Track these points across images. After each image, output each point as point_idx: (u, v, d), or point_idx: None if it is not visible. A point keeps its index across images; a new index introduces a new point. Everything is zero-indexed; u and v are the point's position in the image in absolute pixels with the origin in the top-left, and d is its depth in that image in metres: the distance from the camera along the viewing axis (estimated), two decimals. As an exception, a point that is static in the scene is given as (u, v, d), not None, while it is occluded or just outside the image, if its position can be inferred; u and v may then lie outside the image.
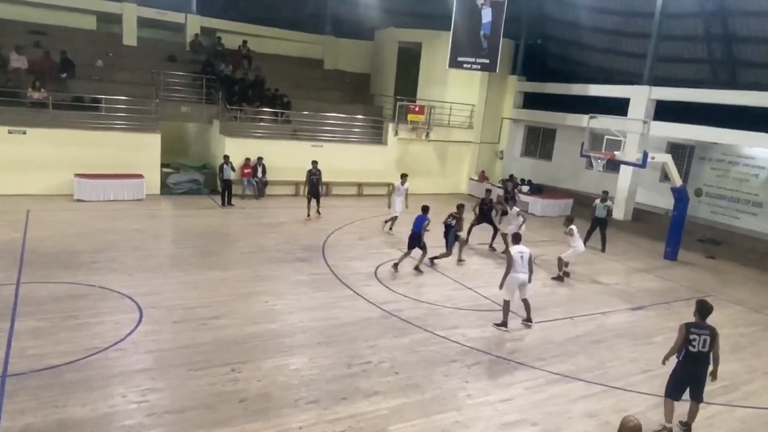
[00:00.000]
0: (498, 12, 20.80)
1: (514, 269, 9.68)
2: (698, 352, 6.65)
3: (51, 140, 16.30)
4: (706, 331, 6.68)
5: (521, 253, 9.75)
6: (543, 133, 25.30)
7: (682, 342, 6.71)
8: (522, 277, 9.73)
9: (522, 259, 9.72)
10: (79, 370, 7.18)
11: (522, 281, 9.77)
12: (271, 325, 9.11)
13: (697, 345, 6.63)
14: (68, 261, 11.22)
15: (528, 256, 9.80)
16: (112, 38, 22.00)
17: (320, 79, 25.40)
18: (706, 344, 6.64)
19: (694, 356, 6.67)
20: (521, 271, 9.71)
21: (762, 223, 18.38)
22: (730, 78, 19.74)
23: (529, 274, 9.83)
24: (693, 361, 6.71)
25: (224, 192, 17.52)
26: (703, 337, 6.64)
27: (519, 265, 9.69)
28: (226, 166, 17.44)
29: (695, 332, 6.66)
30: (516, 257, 9.70)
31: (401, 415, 6.89)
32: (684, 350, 6.71)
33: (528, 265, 9.78)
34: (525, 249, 9.90)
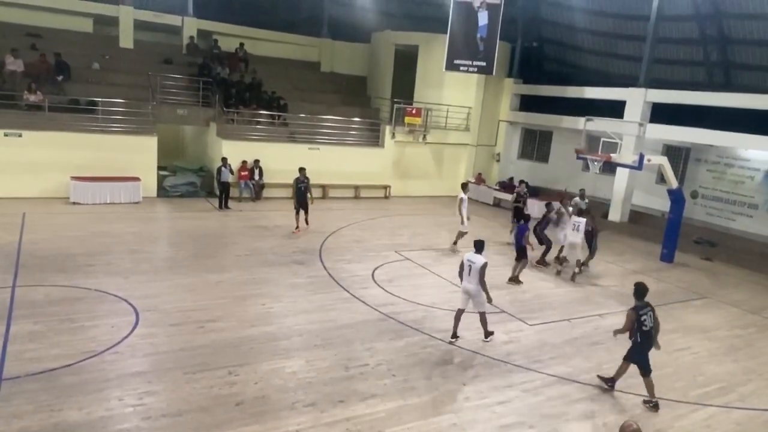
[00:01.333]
0: (494, 15, 20.87)
1: (462, 277, 8.99)
2: (649, 330, 7.61)
3: (47, 143, 16.26)
4: (648, 309, 7.65)
5: (470, 262, 8.86)
6: (539, 135, 25.37)
7: (635, 325, 7.55)
8: (465, 285, 8.95)
9: (470, 268, 8.83)
10: (75, 374, 7.15)
11: (465, 289, 8.97)
12: (267, 328, 9.09)
13: (648, 324, 7.56)
14: (64, 264, 11.18)
15: (479, 267, 8.76)
16: (108, 41, 21.96)
17: (317, 81, 25.41)
18: (651, 320, 7.62)
19: (647, 334, 7.61)
20: (466, 279, 8.92)
21: (757, 225, 18.44)
22: (726, 80, 19.84)
23: (478, 286, 8.83)
24: (647, 338, 7.64)
25: (221, 194, 17.46)
26: (648, 314, 7.60)
27: (465, 273, 8.91)
28: (224, 169, 17.37)
29: (643, 313, 7.57)
30: (465, 263, 8.93)
31: (398, 417, 6.89)
32: (638, 331, 7.58)
33: (476, 276, 8.77)
34: (477, 259, 8.87)
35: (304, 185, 15.01)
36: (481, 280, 8.78)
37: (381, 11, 25.76)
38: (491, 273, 13.13)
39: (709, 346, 10.16)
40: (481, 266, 8.76)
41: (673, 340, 10.23)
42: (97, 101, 17.82)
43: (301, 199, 15.08)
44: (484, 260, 8.83)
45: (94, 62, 20.24)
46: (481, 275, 8.78)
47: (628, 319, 7.63)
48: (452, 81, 23.05)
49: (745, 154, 18.71)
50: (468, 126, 23.95)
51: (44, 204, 15.80)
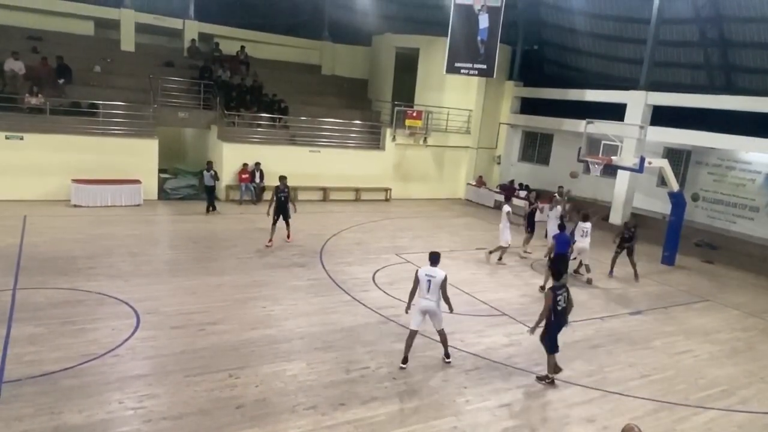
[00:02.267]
0: (495, 18, 20.90)
1: (418, 293, 8.21)
2: (562, 309, 7.98)
3: (48, 146, 16.29)
4: (564, 290, 7.99)
5: (429, 277, 8.07)
6: (540, 138, 25.38)
7: (552, 306, 7.84)
8: (425, 303, 8.13)
9: (429, 283, 8.05)
10: (75, 377, 7.15)
11: (425, 308, 8.16)
12: (268, 331, 9.09)
13: (561, 304, 7.93)
14: (65, 267, 11.19)
15: (439, 281, 8.02)
16: (109, 44, 22.02)
17: (318, 84, 25.44)
18: (565, 300, 7.95)
19: (560, 313, 7.98)
20: (425, 297, 8.11)
21: (758, 227, 18.42)
22: (726, 83, 19.84)
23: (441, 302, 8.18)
24: (559, 317, 8.00)
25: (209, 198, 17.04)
26: (563, 295, 7.95)
27: (423, 290, 8.10)
28: (206, 173, 16.96)
29: (559, 293, 7.91)
30: (422, 278, 8.10)
31: (399, 420, 6.88)
32: (553, 311, 7.89)
33: (437, 292, 8.05)
34: (436, 272, 8.09)
35: (285, 195, 13.99)
36: (444, 294, 8.14)
37: (382, 14, 25.80)
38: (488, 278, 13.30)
39: (711, 349, 10.14)
40: (443, 280, 8.05)
41: (674, 343, 10.23)
42: (99, 104, 17.87)
43: (282, 210, 14.07)
44: (444, 273, 8.12)
45: (96, 65, 20.29)
46: (444, 289, 8.10)
47: (547, 300, 7.87)
48: (453, 84, 23.07)
49: (746, 156, 18.70)
50: (469, 129, 23.97)
51: (45, 206, 15.81)
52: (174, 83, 20.16)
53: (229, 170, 18.98)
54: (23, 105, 16.84)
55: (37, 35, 20.47)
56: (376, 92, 25.90)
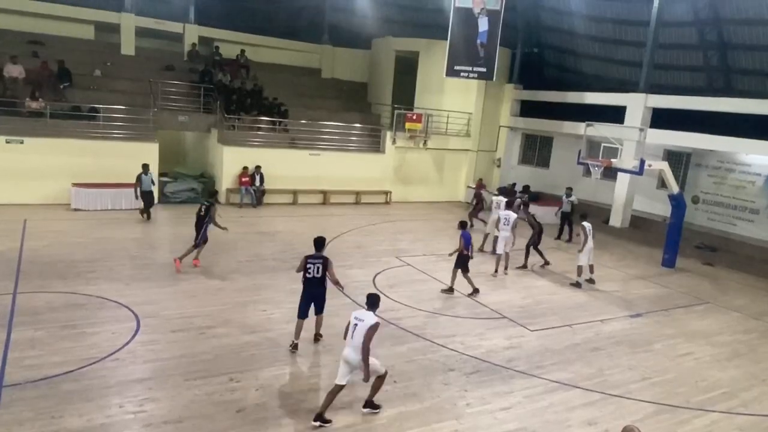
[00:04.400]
0: (494, 21, 20.94)
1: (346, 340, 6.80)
2: (313, 278, 8.45)
3: (48, 150, 16.29)
4: (319, 260, 8.45)
5: (357, 320, 6.66)
6: (540, 141, 25.39)
7: (303, 272, 8.45)
8: (345, 352, 6.67)
9: (354, 328, 6.62)
10: (75, 381, 7.14)
11: (345, 357, 6.66)
12: (268, 334, 9.08)
13: (311, 272, 8.42)
14: (65, 270, 11.18)
15: (365, 327, 6.51)
16: (110, 48, 22.08)
17: (318, 87, 25.47)
18: (319, 271, 8.42)
19: (310, 281, 8.46)
20: (348, 344, 6.66)
21: (758, 230, 18.42)
22: (726, 85, 19.86)
23: (358, 352, 6.52)
24: (310, 285, 8.51)
25: (145, 203, 15.93)
26: (316, 265, 8.42)
27: (349, 335, 6.71)
28: (144, 177, 15.77)
29: (311, 262, 8.43)
30: (351, 322, 6.73)
31: (400, 424, 6.86)
32: (303, 278, 8.47)
33: (360, 337, 6.53)
34: (366, 316, 6.65)
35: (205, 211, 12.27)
36: (365, 345, 6.48)
37: (381, 17, 25.87)
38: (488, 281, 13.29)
39: (712, 351, 10.13)
40: (369, 327, 6.51)
41: (675, 345, 10.22)
42: (99, 108, 17.88)
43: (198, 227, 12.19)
44: (376, 320, 6.62)
45: (96, 69, 20.32)
46: (367, 337, 6.49)
47: (302, 265, 8.51)
48: (453, 87, 23.09)
49: (746, 158, 18.71)
50: (468, 132, 23.98)
51: (45, 210, 15.82)
52: (174, 87, 20.20)
53: (229, 173, 18.99)
54: (23, 109, 16.85)
55: (38, 39, 20.53)
56: (376, 95, 25.93)
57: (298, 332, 8.59)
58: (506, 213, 13.98)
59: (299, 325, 8.60)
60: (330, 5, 26.21)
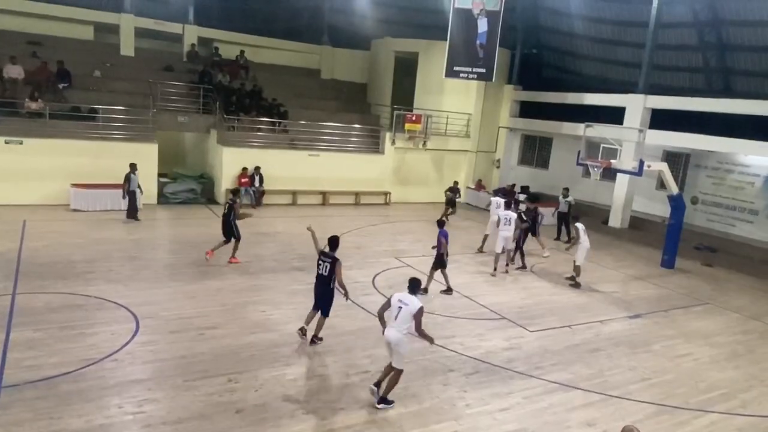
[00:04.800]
0: (494, 22, 20.97)
1: (389, 321, 7.26)
2: (320, 275, 8.65)
3: (48, 150, 16.29)
4: (328, 260, 8.60)
5: (401, 304, 7.09)
6: (539, 141, 25.41)
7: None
8: (388, 332, 7.19)
9: (399, 311, 7.08)
10: (74, 381, 7.13)
11: (387, 338, 7.21)
12: (267, 335, 9.07)
13: (321, 269, 8.64)
14: (64, 271, 11.17)
15: (411, 311, 7.00)
16: (109, 48, 22.07)
17: (317, 88, 25.48)
18: (326, 270, 8.56)
19: (318, 277, 8.72)
20: (390, 324, 7.19)
21: (757, 230, 18.43)
22: (725, 86, 19.89)
23: (402, 335, 7.07)
24: (318, 281, 8.76)
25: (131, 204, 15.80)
26: (325, 264, 8.59)
27: (391, 316, 7.18)
28: (133, 176, 15.69)
29: (321, 260, 8.67)
30: (393, 305, 7.18)
31: (399, 425, 6.86)
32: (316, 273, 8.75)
33: (406, 322, 7.05)
34: (410, 300, 7.10)
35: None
36: (417, 327, 7.09)
37: (381, 18, 25.88)
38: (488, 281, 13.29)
39: (711, 352, 10.13)
40: (417, 311, 7.01)
41: (674, 346, 10.22)
42: (98, 108, 17.88)
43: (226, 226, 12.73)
44: (420, 304, 7.09)
45: (95, 70, 20.31)
46: (417, 322, 7.06)
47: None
48: (452, 88, 23.10)
49: (745, 159, 18.73)
50: (468, 132, 24.00)
51: (45, 211, 15.80)
52: (173, 88, 20.19)
53: (229, 174, 18.99)
54: (23, 110, 16.84)
55: (37, 40, 20.51)
56: (376, 96, 25.93)
57: (309, 320, 8.95)
58: (507, 213, 14.05)
59: (311, 314, 8.97)
60: (329, 6, 26.23)
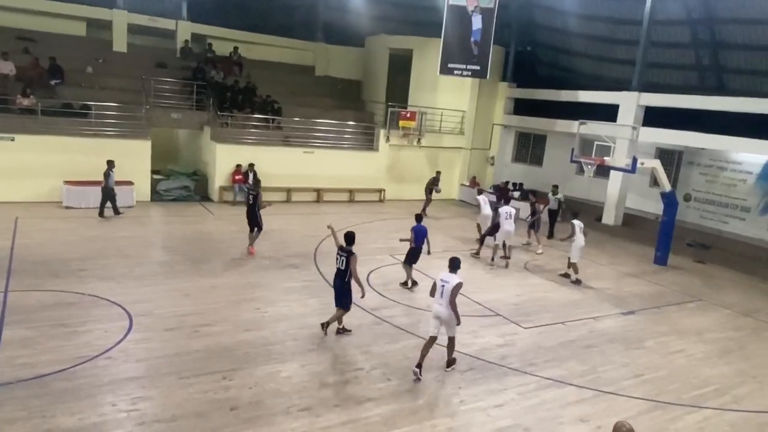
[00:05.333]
0: (488, 19, 20.97)
1: (435, 298, 8.17)
2: (338, 269, 8.99)
3: (40, 147, 16.18)
4: (344, 254, 8.90)
5: (443, 282, 8.04)
6: (534, 139, 25.46)
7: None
8: (436, 308, 8.09)
9: (443, 289, 8.00)
10: (67, 379, 7.10)
11: (436, 313, 8.11)
12: (262, 332, 9.07)
13: (338, 263, 8.98)
14: (57, 269, 11.11)
15: (450, 287, 7.93)
16: (102, 45, 21.91)
17: (311, 85, 25.41)
18: (343, 264, 8.88)
19: (336, 271, 9.06)
20: (438, 302, 8.09)
21: (750, 227, 18.54)
22: (718, 84, 19.96)
23: (449, 310, 7.98)
24: (336, 275, 9.09)
25: (106, 201, 15.64)
26: (342, 258, 8.91)
27: (438, 295, 8.10)
28: (111, 173, 15.59)
29: (339, 254, 9.00)
30: (438, 284, 8.11)
31: (393, 421, 6.87)
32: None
33: (448, 297, 7.94)
34: (450, 278, 8.04)
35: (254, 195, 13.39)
36: (451, 300, 7.93)
37: (375, 15, 25.81)
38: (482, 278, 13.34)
39: (703, 348, 10.20)
40: (454, 286, 7.92)
41: (667, 342, 10.28)
42: (91, 105, 17.76)
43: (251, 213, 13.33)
44: (459, 280, 8.01)
45: (88, 66, 20.18)
46: (452, 296, 7.94)
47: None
48: (446, 85, 23.11)
49: (737, 157, 18.82)
50: (462, 130, 24.01)
51: (37, 208, 15.71)
52: (167, 84, 20.09)
53: (222, 171, 18.93)
54: (14, 106, 16.72)
55: (29, 36, 20.35)
56: (370, 93, 25.90)
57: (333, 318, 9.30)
58: (507, 208, 14.41)
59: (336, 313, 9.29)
60: (324, 3, 26.13)
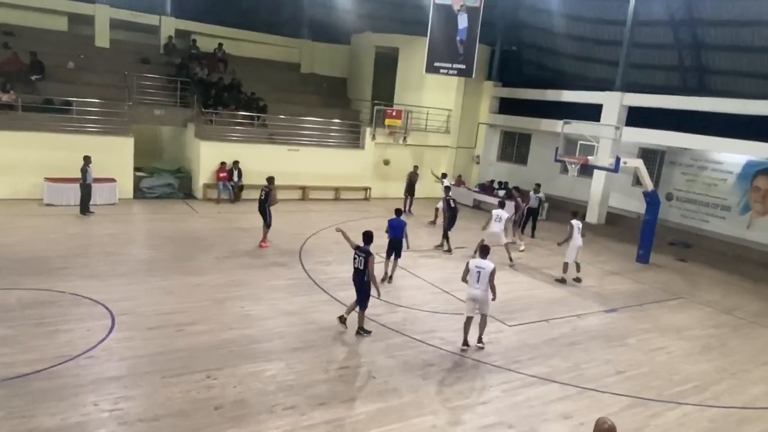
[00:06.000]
0: (474, 18, 21.04)
1: (469, 283, 9.02)
2: (356, 268, 9.03)
3: (20, 143, 15.91)
4: (363, 254, 8.94)
5: (479, 269, 8.91)
6: (519, 138, 25.61)
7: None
8: (474, 292, 8.94)
9: (479, 275, 8.88)
10: (49, 379, 7.00)
11: (473, 296, 8.98)
12: (247, 331, 9.02)
13: (356, 263, 9.01)
14: (38, 267, 10.95)
15: (488, 273, 8.85)
16: (83, 40, 21.57)
17: (297, 82, 25.27)
18: (361, 264, 8.92)
19: (355, 270, 9.08)
20: (474, 287, 8.93)
21: (730, 226, 18.84)
22: (699, 85, 20.24)
23: (488, 292, 8.96)
24: (355, 273, 9.12)
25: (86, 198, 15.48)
26: (360, 257, 8.95)
27: (473, 280, 8.93)
28: (88, 168, 15.36)
29: (357, 254, 9.06)
30: (472, 270, 8.95)
31: (379, 419, 6.88)
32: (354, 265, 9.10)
33: (486, 281, 8.87)
34: (485, 264, 8.94)
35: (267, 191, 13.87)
36: (491, 284, 8.97)
37: (361, 13, 25.77)
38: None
39: (684, 345, 10.35)
40: (492, 271, 8.91)
41: (649, 339, 10.42)
42: (72, 101, 17.48)
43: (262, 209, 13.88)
44: (493, 265, 8.99)
45: (69, 61, 19.86)
46: (492, 279, 8.95)
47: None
48: (432, 83, 23.14)
49: (718, 157, 19.11)
50: (448, 128, 24.07)
51: (17, 206, 15.45)
52: (150, 80, 19.82)
53: (206, 169, 18.78)
54: (-6, 102, 16.44)
55: (9, 30, 19.98)
56: (356, 91, 25.85)
57: (349, 310, 9.44)
58: (499, 211, 14.42)
59: (352, 305, 9.39)
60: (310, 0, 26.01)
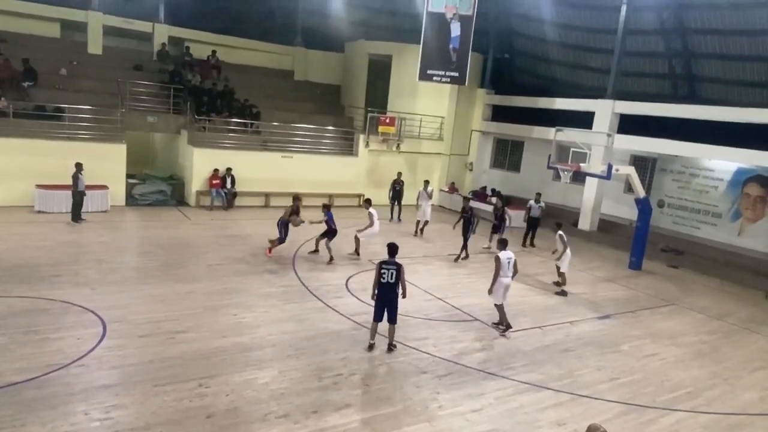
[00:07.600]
0: (467, 26, 21.16)
1: (503, 273, 10.21)
2: (387, 283, 8.72)
3: (11, 150, 15.83)
4: (393, 266, 8.73)
5: (508, 259, 10.29)
6: (511, 145, 25.72)
7: (377, 276, 8.77)
8: (506, 281, 10.30)
9: (508, 263, 10.27)
10: (39, 388, 6.94)
11: (507, 285, 10.34)
12: (239, 339, 8.97)
13: (385, 278, 8.71)
14: (28, 274, 10.86)
15: (514, 261, 10.37)
16: (76, 46, 21.54)
17: (290, 90, 25.32)
18: (392, 276, 8.70)
19: (384, 286, 8.75)
20: (507, 275, 10.28)
21: (721, 233, 18.96)
22: (690, 93, 20.42)
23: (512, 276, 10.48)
24: (384, 290, 8.75)
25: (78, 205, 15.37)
26: (390, 271, 8.69)
27: (505, 270, 10.25)
28: (80, 176, 15.23)
29: (385, 268, 8.73)
30: (504, 261, 10.20)
31: (372, 427, 6.85)
32: (379, 283, 8.75)
33: (513, 268, 10.39)
34: (511, 254, 10.42)
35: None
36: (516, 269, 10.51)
37: (355, 21, 25.85)
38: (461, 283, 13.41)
39: (677, 351, 10.38)
40: (516, 260, 10.45)
41: (641, 346, 10.44)
42: (64, 108, 17.44)
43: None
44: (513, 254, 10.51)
45: (62, 68, 19.82)
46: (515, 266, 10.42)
47: (376, 270, 8.83)
48: (425, 91, 23.23)
49: (709, 164, 19.26)
50: (441, 135, 24.15)
51: (8, 213, 15.34)
52: (143, 87, 19.83)
53: (199, 176, 18.74)
54: (-15, 108, 16.37)
55: (1, 37, 19.91)
56: (349, 98, 25.91)
57: (373, 334, 9.09)
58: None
59: (374, 327, 9.07)
60: (303, 7, 26.06)
